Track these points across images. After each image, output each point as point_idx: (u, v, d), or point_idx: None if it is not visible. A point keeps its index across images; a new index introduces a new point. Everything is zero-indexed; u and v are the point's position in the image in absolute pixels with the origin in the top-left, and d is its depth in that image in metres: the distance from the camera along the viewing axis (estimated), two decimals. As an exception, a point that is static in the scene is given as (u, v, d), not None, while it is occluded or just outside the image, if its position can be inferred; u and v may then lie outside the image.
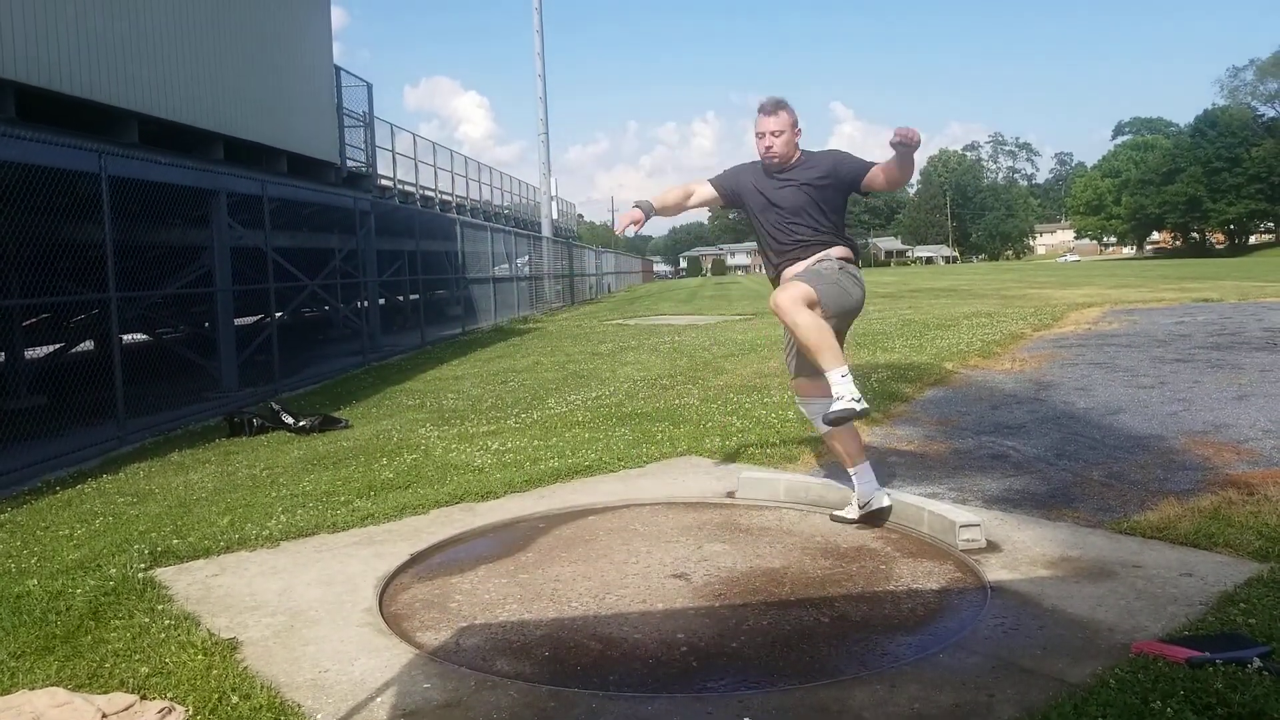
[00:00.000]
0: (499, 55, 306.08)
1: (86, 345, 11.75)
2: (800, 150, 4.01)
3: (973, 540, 3.59)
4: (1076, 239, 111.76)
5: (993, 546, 3.59)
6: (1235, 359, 8.34)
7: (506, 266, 23.41)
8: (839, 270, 3.86)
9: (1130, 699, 2.28)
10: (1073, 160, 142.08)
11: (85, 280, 8.26)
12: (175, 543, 4.12)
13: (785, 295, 3.67)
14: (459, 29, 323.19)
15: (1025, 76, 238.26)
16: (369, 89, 18.11)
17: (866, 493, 4.00)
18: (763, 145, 3.95)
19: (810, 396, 4.08)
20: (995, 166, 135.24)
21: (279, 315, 11.30)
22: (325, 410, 8.12)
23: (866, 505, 4.01)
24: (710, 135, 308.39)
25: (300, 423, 7.43)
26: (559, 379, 9.79)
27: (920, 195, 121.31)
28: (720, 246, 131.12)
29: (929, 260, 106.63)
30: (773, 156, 3.95)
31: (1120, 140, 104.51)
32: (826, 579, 3.43)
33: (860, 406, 3.59)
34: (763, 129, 3.93)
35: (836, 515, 4.11)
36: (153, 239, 9.90)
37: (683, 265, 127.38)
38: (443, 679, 2.66)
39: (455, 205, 25.61)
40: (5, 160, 6.53)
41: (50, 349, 11.23)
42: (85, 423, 7.42)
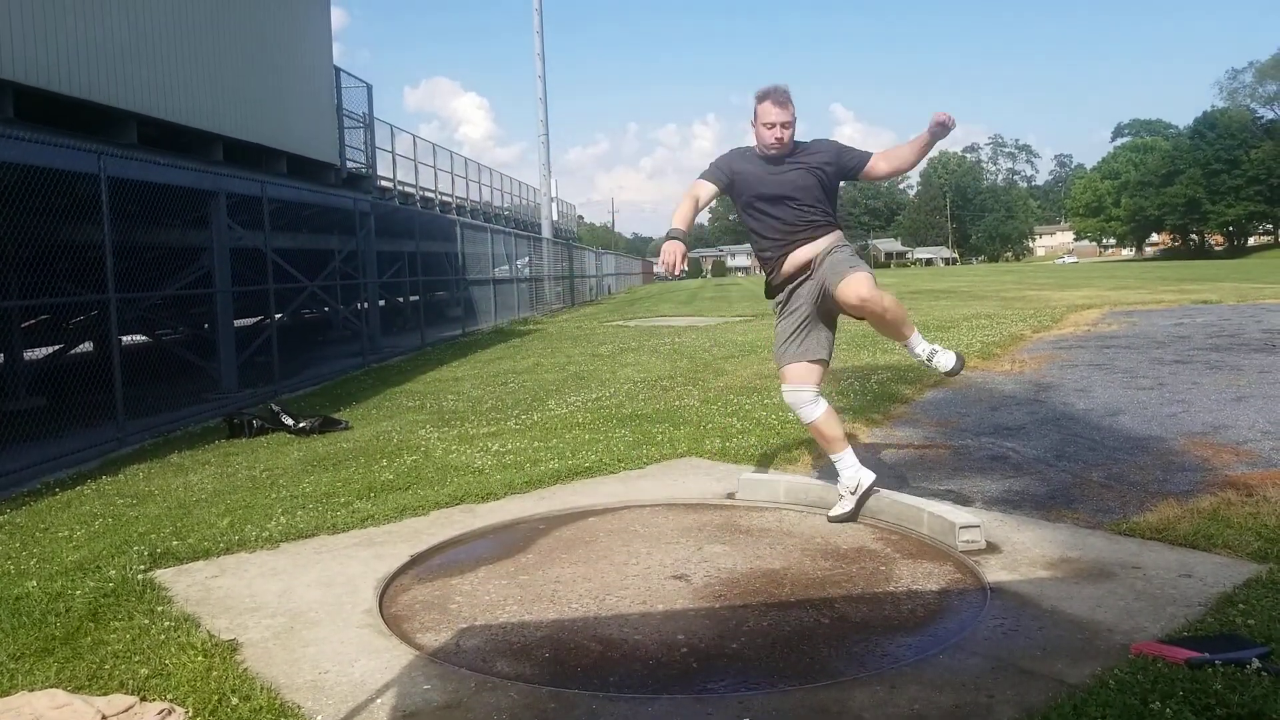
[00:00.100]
0: (499, 56, 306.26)
1: (86, 346, 11.74)
2: (794, 141, 4.07)
3: (972, 541, 3.59)
4: (1076, 241, 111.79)
5: (992, 548, 3.60)
6: (1234, 360, 8.34)
7: (506, 268, 23.39)
8: (855, 253, 4.04)
9: (1129, 700, 2.28)
10: (1072, 162, 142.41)
11: (84, 281, 8.26)
12: (175, 544, 4.13)
13: (863, 286, 3.74)
14: (459, 30, 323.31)
15: (1025, 78, 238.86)
16: (369, 90, 18.13)
17: (851, 476, 4.07)
18: (773, 135, 3.96)
19: (803, 384, 4.06)
20: (995, 168, 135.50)
21: (279, 316, 11.30)
22: (325, 412, 8.12)
23: (856, 489, 4.07)
24: (710, 137, 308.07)
25: (300, 424, 7.43)
26: (559, 380, 9.79)
27: (920, 197, 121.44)
28: (720, 248, 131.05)
29: (929, 262, 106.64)
30: (782, 147, 3.99)
31: (1120, 142, 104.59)
32: (826, 580, 3.44)
33: (957, 353, 4.01)
34: (774, 119, 3.94)
35: (834, 516, 4.11)
36: (152, 240, 9.90)
37: (683, 266, 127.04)
38: (443, 680, 2.67)
39: (455, 206, 25.62)
40: (4, 161, 6.53)
41: (49, 350, 11.23)
42: (84, 424, 7.42)
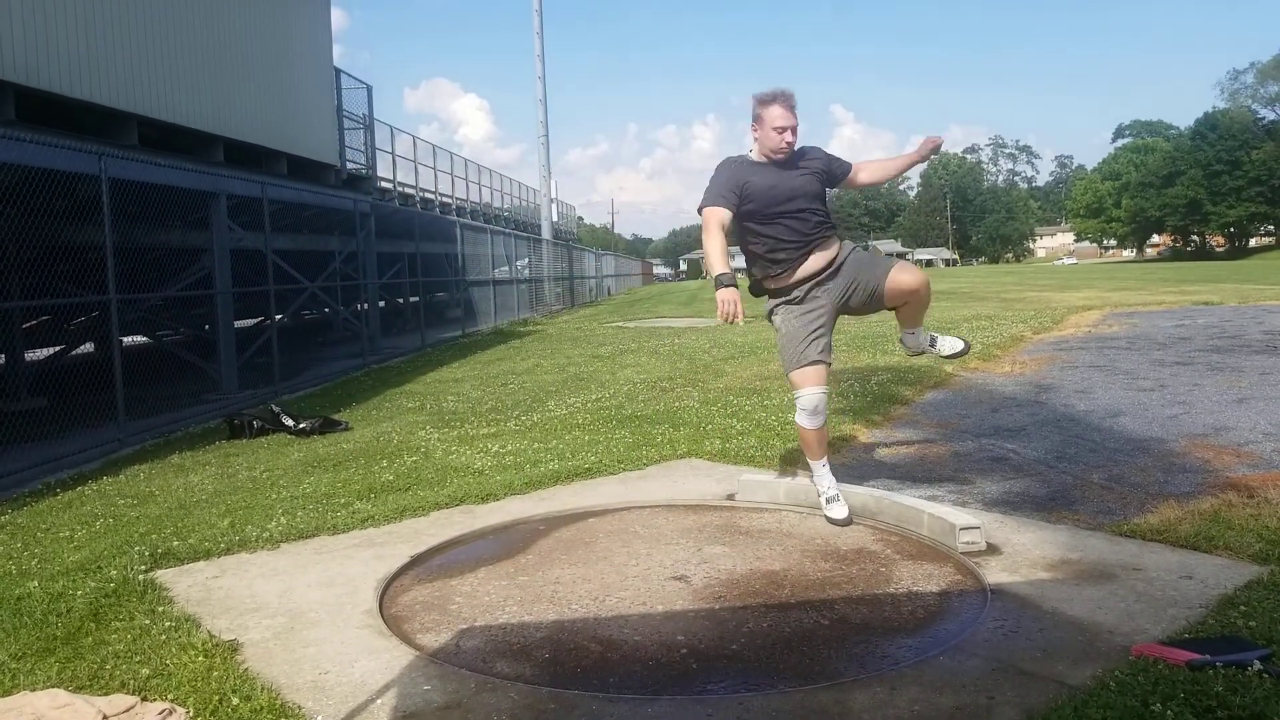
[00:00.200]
0: (499, 57, 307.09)
1: (87, 347, 11.74)
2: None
3: (973, 543, 3.59)
4: (1077, 242, 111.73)
5: (993, 549, 3.60)
6: (1235, 362, 8.34)
7: (506, 269, 23.39)
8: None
9: (1130, 701, 2.28)
10: (1073, 163, 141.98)
11: (85, 282, 8.27)
12: (176, 544, 4.13)
13: (914, 271, 4.04)
14: (459, 31, 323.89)
15: (1025, 79, 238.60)
16: (369, 91, 18.13)
17: (831, 485, 4.15)
18: (783, 140, 3.96)
19: (824, 385, 4.04)
20: (995, 169, 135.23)
21: (279, 317, 11.31)
22: (325, 412, 8.12)
23: (837, 496, 4.15)
24: (710, 138, 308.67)
25: (300, 425, 7.43)
26: (559, 381, 9.79)
27: (920, 198, 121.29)
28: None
29: (929, 263, 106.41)
30: (789, 152, 3.99)
31: (1120, 143, 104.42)
32: (826, 581, 3.44)
33: (965, 340, 4.47)
34: (784, 124, 3.94)
35: (832, 518, 4.11)
36: (153, 241, 9.90)
37: (683, 268, 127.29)
38: (443, 681, 2.67)
39: (455, 208, 25.62)
40: (5, 162, 6.53)
41: (50, 351, 11.23)
42: (85, 425, 7.42)
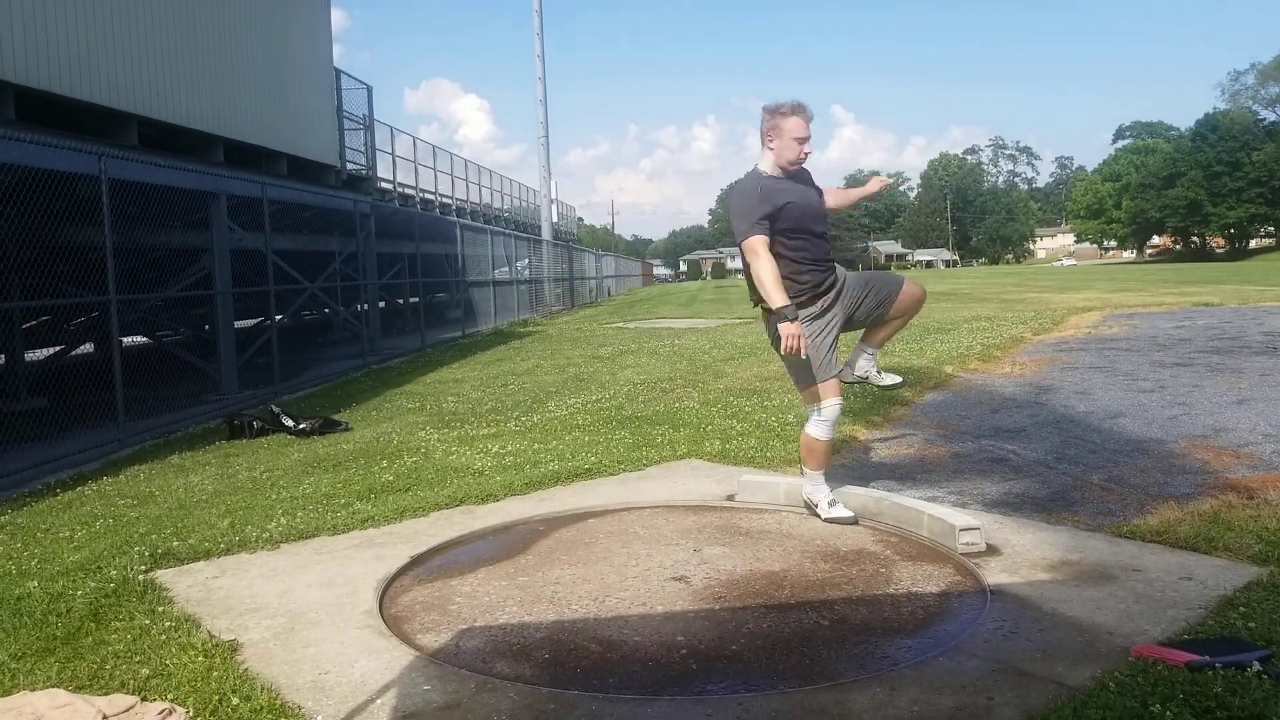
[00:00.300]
0: (499, 57, 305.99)
1: (86, 348, 11.75)
2: None
3: (972, 543, 3.59)
4: (1077, 243, 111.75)
5: (992, 550, 3.60)
6: (1235, 363, 8.34)
7: (506, 269, 23.40)
8: None
9: (1129, 702, 2.28)
10: (1073, 164, 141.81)
11: (85, 283, 8.27)
12: (176, 545, 4.13)
13: (921, 287, 4.15)
14: (459, 31, 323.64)
15: (1025, 79, 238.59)
16: (369, 91, 18.14)
17: (827, 493, 4.17)
18: (804, 151, 3.92)
19: (840, 397, 4.06)
20: (996, 170, 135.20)
21: (279, 318, 11.31)
22: (325, 413, 8.13)
23: (834, 503, 4.16)
24: (710, 139, 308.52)
25: (300, 425, 7.43)
26: (559, 382, 9.79)
27: (920, 199, 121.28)
28: (720, 250, 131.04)
29: (929, 264, 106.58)
30: (803, 162, 3.96)
31: (1121, 144, 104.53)
32: (826, 582, 3.44)
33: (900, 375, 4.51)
34: (805, 135, 3.90)
35: (831, 518, 4.12)
36: (153, 241, 9.91)
37: (683, 269, 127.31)
38: (443, 681, 2.67)
39: (455, 208, 25.62)
40: (5, 163, 6.54)
41: (50, 351, 11.24)
42: (85, 425, 7.42)
